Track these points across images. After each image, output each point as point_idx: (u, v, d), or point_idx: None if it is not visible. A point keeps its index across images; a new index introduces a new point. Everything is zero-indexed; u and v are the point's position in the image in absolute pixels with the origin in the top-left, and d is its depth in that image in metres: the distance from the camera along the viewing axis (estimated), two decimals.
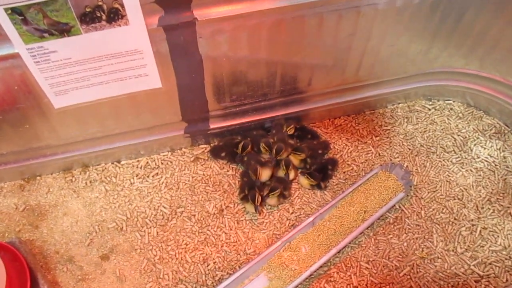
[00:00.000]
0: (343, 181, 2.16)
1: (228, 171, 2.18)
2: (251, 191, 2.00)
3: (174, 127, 2.10)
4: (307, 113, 2.25)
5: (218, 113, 2.10)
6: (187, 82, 1.87)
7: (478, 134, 2.25)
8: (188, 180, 2.14)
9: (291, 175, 2.10)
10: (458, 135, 2.28)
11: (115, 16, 1.18)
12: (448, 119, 2.33)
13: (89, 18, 1.15)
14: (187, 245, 1.97)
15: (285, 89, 2.08)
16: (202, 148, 2.25)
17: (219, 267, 1.81)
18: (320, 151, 2.19)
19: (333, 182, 2.16)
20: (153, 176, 2.14)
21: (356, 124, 2.35)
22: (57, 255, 1.94)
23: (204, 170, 2.17)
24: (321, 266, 1.66)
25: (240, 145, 2.09)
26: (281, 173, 2.10)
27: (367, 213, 1.95)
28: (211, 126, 2.15)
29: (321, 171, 2.11)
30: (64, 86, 1.54)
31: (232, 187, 2.14)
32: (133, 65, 1.61)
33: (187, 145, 2.22)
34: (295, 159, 2.13)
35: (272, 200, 2.03)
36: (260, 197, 1.97)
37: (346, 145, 2.28)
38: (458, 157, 2.21)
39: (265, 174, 2.04)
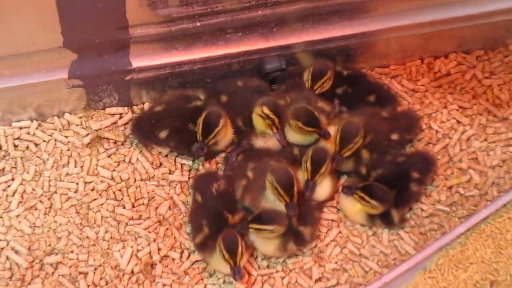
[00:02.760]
0: (447, 210, 2.08)
1: (172, 172, 2.12)
2: (223, 228, 1.91)
3: (45, 63, 2.04)
4: (367, 43, 2.19)
5: (150, 32, 2.03)
6: None
7: None
8: (76, 190, 2.08)
9: (325, 188, 2.02)
10: None
11: None
12: None
13: None
14: None
15: None
16: (113, 115, 2.19)
17: None
18: (395, 135, 2.11)
19: (422, 210, 2.08)
20: None
21: (485, 74, 2.30)
22: None
23: (116, 168, 2.12)
24: None
25: (200, 121, 2.02)
26: (300, 177, 2.02)
27: (498, 285, 1.91)
28: (135, 64, 2.08)
29: (396, 182, 2.03)
30: None
31: (178, 212, 2.07)
32: None
33: (77, 108, 2.18)
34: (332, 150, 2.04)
35: (267, 246, 1.95)
36: (242, 248, 1.88)
37: (458, 122, 2.21)
38: None
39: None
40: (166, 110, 2.08)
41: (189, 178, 2.09)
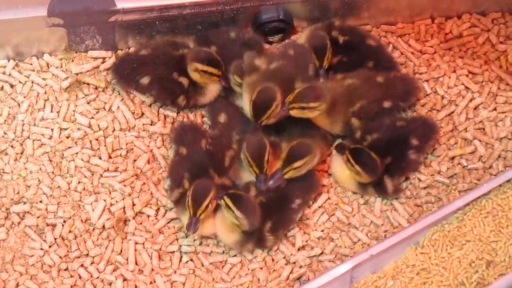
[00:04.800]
0: (446, 182, 2.04)
1: (154, 123, 2.09)
2: (198, 183, 1.86)
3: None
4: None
5: None
6: None
7: None
8: (50, 137, 2.05)
9: (311, 159, 1.94)
10: None
11: None
12: None
13: None
14: None
15: None
16: (96, 59, 2.16)
17: None
18: (388, 103, 2.05)
19: (420, 181, 2.04)
20: None
21: (500, 39, 2.24)
22: None
23: (95, 115, 2.09)
24: None
25: (199, 69, 1.98)
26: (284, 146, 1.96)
27: (495, 267, 1.86)
28: (120, 5, 2.05)
29: (392, 149, 1.99)
30: None
31: (157, 166, 2.04)
32: None
33: (57, 49, 2.15)
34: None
35: (227, 234, 1.89)
36: (210, 203, 1.84)
37: (466, 89, 2.17)
38: None
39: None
40: (150, 55, 2.05)
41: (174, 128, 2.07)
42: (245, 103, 1.97)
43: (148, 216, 1.96)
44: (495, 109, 2.11)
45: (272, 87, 1.90)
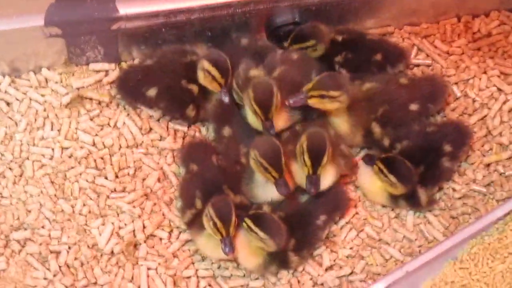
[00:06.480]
0: (483, 191, 1.99)
1: (164, 138, 2.04)
2: (216, 201, 1.81)
3: (16, 6, 1.97)
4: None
5: None
6: None
7: None
8: (51, 157, 2.00)
9: (329, 175, 1.90)
10: None
11: None
12: None
13: None
14: None
15: None
16: (98, 72, 2.12)
17: None
18: (415, 106, 2.02)
19: (454, 190, 1.99)
20: None
21: None
22: None
23: (99, 132, 2.05)
24: None
25: (206, 76, 1.94)
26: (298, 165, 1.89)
27: None
28: (122, 11, 2.02)
29: (424, 157, 1.94)
30: None
31: (168, 184, 1.98)
32: None
33: (56, 63, 2.12)
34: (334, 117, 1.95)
35: (248, 258, 1.84)
36: (234, 220, 1.79)
37: (499, 90, 2.13)
38: None
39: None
40: (157, 64, 2.03)
41: (183, 146, 2.04)
42: (249, 114, 1.94)
43: (161, 239, 1.91)
44: None
45: (265, 80, 1.90)
